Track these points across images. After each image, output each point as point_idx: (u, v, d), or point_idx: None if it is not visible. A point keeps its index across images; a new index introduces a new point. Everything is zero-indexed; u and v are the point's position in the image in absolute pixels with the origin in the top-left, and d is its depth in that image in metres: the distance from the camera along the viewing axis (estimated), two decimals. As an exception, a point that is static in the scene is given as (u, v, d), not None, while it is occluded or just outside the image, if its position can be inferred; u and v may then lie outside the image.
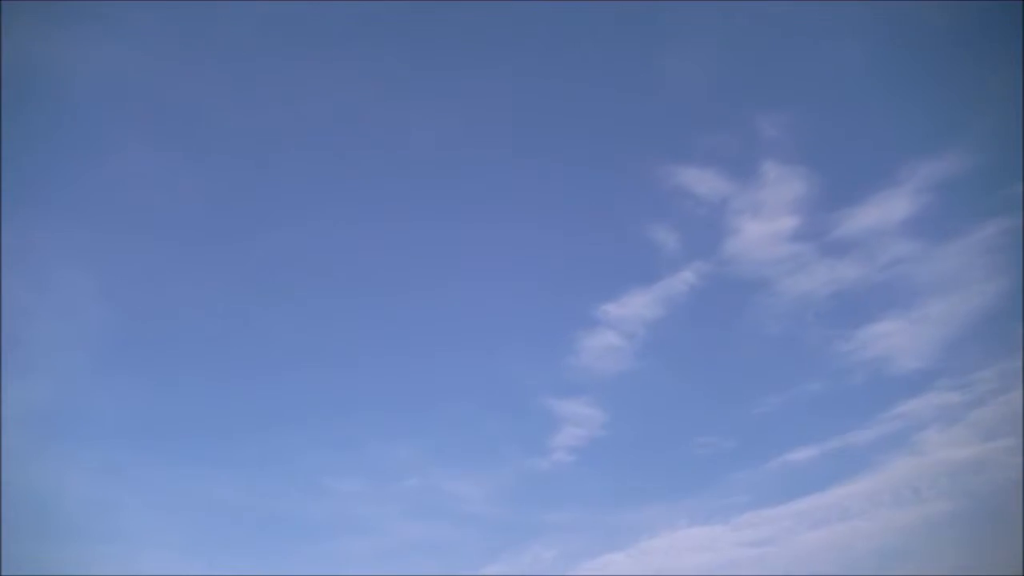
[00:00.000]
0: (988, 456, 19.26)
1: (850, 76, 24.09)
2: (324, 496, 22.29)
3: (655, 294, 24.18)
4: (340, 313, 24.98)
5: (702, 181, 24.68)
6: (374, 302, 25.08)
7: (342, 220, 25.97)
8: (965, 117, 22.46)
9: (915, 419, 20.82)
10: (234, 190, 25.63)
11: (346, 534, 21.71)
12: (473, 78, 26.70)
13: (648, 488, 22.32)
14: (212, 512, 21.41)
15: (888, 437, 20.89)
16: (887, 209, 22.92)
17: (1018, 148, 20.41)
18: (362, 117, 26.41)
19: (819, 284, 23.38)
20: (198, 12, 24.55)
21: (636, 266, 25.31)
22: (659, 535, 21.02)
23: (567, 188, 26.57)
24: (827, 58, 24.61)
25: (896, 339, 22.07)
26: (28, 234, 21.99)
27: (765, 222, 24.13)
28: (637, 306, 24.20)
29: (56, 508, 19.68)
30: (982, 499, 18.71)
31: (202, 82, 25.18)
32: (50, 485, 19.91)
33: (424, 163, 26.36)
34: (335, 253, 25.58)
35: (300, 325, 24.65)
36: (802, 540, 20.05)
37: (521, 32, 26.38)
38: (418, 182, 26.39)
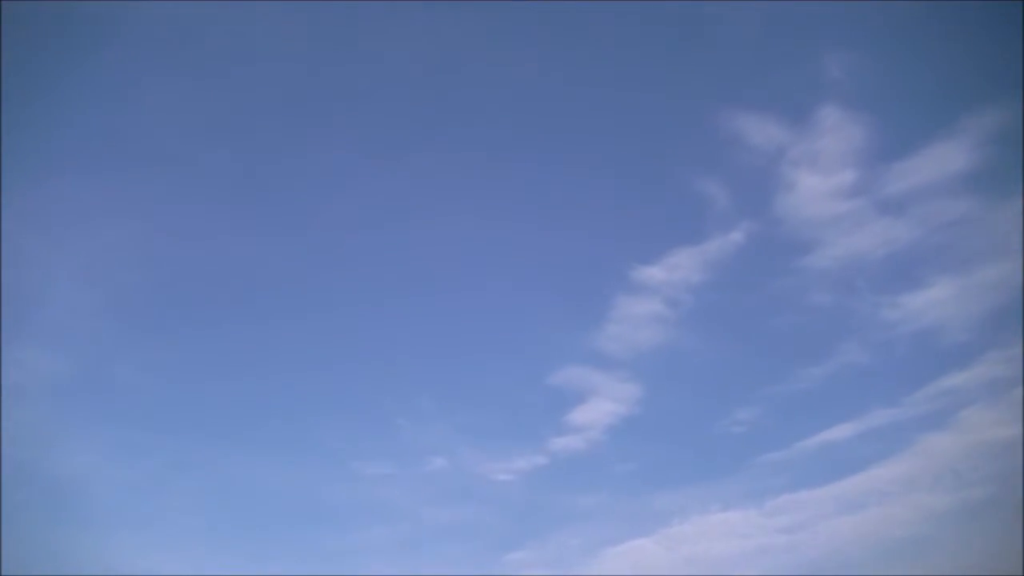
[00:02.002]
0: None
1: (915, 16, 23.73)
2: (352, 480, 23.41)
3: (701, 256, 24.75)
4: (367, 289, 25.97)
5: (759, 128, 24.91)
6: (401, 275, 26.05)
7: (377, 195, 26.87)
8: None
9: (961, 395, 21.34)
10: (279, 148, 26.36)
11: (372, 521, 22.99)
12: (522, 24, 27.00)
13: (681, 470, 23.38)
14: (237, 498, 22.78)
15: (932, 414, 21.54)
16: (946, 161, 23.00)
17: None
18: (422, 81, 27.09)
19: (872, 245, 23.85)
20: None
21: (683, 224, 25.88)
22: (689, 520, 22.04)
23: (611, 136, 27.03)
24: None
25: (946, 307, 22.48)
26: (51, 188, 23.15)
27: (822, 175, 24.49)
28: (681, 269, 24.77)
29: (78, 490, 20.83)
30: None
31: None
32: (71, 465, 21.13)
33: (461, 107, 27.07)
34: (371, 228, 26.54)
35: (332, 303, 25.79)
36: (836, 526, 20.84)
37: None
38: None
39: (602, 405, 23.81)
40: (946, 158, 23.07)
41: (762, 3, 25.33)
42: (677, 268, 24.70)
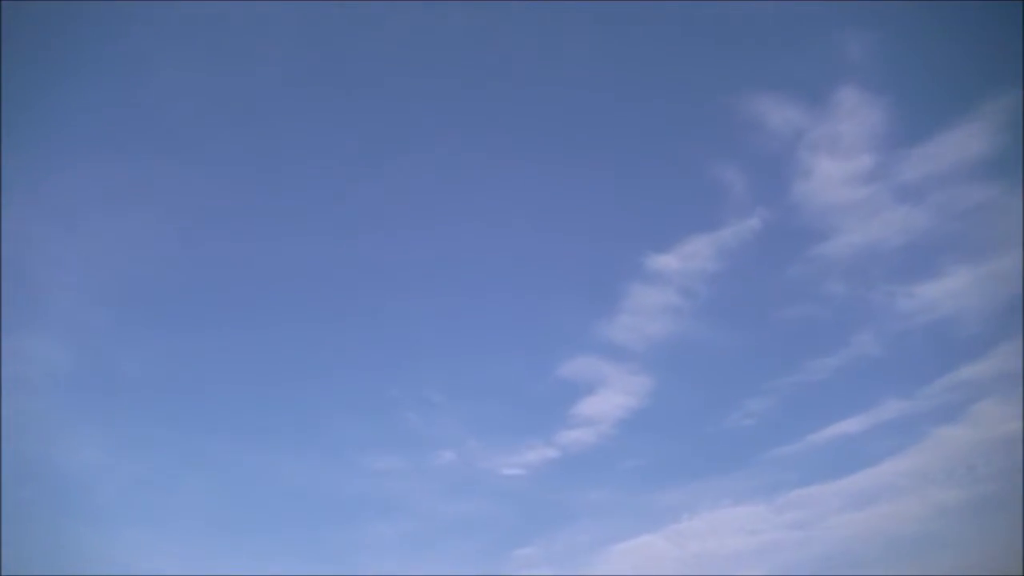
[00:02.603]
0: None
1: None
2: (360, 475, 23.67)
3: (716, 244, 24.77)
4: (375, 283, 26.06)
5: (776, 112, 24.87)
6: (408, 269, 26.14)
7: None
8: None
9: (975, 387, 21.37)
10: (295, 143, 26.46)
11: (380, 516, 23.28)
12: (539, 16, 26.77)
13: (691, 464, 23.49)
14: (244, 493, 23.05)
15: (945, 407, 21.56)
16: (964, 147, 22.91)
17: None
18: (442, 73, 27.11)
19: (889, 233, 23.78)
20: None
21: (699, 211, 25.86)
22: (699, 515, 22.18)
23: (627, 122, 26.81)
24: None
25: (962, 297, 22.45)
26: (59, 177, 23.44)
27: (839, 160, 24.45)
28: (696, 258, 24.81)
29: (83, 486, 21.08)
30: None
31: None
32: (77, 461, 21.38)
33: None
34: (380, 222, 26.63)
35: (341, 297, 25.92)
36: (847, 521, 20.97)
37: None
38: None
39: (612, 398, 24.08)
40: (965, 143, 23.05)
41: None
42: (692, 257, 24.89)
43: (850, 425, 22.09)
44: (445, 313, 25.93)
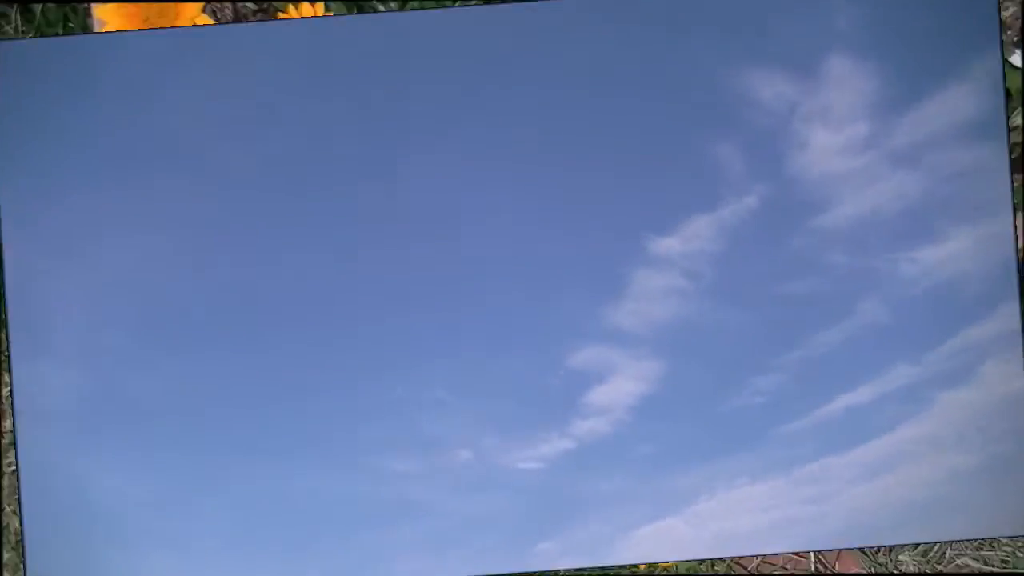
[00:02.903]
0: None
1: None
2: (377, 480, 20.90)
3: (716, 224, 23.81)
4: (378, 287, 25.69)
5: (768, 84, 24.05)
6: (409, 266, 25.99)
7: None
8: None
9: (982, 348, 20.40)
10: (304, 160, 24.77)
11: (398, 519, 19.91)
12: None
13: (706, 445, 21.78)
14: (263, 510, 21.36)
15: (954, 370, 19.97)
16: (953, 108, 22.59)
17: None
18: (441, 78, 25.27)
19: (887, 200, 22.75)
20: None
21: (696, 191, 24.28)
22: (716, 495, 21.69)
23: (617, 105, 25.00)
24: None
25: (961, 260, 21.80)
26: (58, 199, 22.70)
27: (834, 130, 23.35)
28: (697, 239, 23.49)
29: (96, 512, 20.92)
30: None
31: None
32: (94, 489, 21.18)
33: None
34: (382, 220, 25.73)
35: (341, 299, 24.84)
36: (862, 492, 20.83)
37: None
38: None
39: (623, 385, 22.87)
40: (952, 106, 22.83)
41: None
42: (694, 238, 24.02)
43: (860, 395, 21.44)
44: (448, 310, 25.42)
